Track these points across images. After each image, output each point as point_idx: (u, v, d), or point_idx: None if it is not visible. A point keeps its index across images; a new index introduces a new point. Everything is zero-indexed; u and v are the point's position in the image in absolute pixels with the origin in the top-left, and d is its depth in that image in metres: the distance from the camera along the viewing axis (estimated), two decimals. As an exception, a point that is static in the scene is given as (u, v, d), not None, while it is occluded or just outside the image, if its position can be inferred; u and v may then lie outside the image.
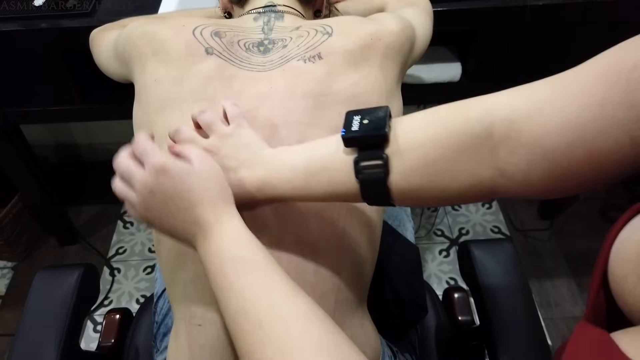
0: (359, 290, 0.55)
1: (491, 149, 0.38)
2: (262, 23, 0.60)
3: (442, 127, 0.40)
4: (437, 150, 0.39)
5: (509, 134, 0.37)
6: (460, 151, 0.39)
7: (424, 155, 0.40)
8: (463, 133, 0.39)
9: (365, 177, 0.41)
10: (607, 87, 0.32)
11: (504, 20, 0.99)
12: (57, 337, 0.64)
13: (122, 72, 0.66)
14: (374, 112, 0.43)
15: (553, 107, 0.35)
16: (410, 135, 0.41)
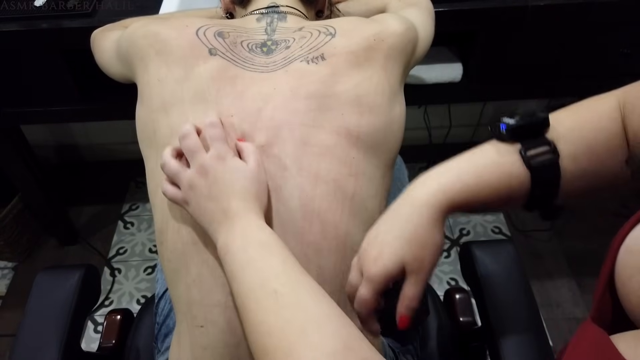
0: (360, 292, 0.55)
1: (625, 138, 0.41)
2: (265, 24, 0.60)
3: (590, 113, 0.43)
4: (595, 133, 0.42)
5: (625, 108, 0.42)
6: (611, 134, 0.41)
7: (585, 137, 0.42)
8: (610, 118, 0.42)
9: (537, 164, 0.41)
10: None
11: (505, 20, 0.99)
12: (58, 337, 0.63)
13: (124, 72, 0.66)
14: (516, 111, 0.44)
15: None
16: (564, 120, 0.43)
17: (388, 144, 0.56)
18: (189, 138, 0.50)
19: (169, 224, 0.53)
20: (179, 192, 0.50)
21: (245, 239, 0.44)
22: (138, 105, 0.59)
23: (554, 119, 0.43)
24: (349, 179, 0.52)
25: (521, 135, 0.42)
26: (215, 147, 0.49)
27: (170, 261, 0.54)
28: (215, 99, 0.53)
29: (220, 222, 0.46)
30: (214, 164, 0.48)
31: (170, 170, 0.50)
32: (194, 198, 0.48)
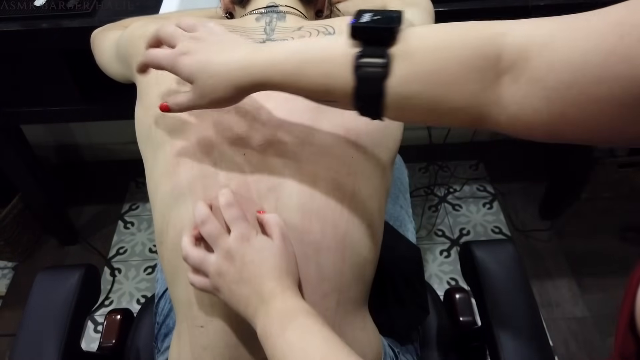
0: (360, 291, 0.55)
1: (496, 74, 0.37)
2: (264, 23, 0.60)
3: (456, 39, 0.38)
4: (446, 61, 0.38)
5: (517, 63, 0.36)
6: (468, 66, 0.37)
7: (432, 61, 0.38)
8: (475, 49, 0.37)
9: (362, 75, 0.39)
10: (616, 37, 0.32)
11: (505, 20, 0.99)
12: (58, 337, 0.64)
13: (123, 73, 0.66)
14: (387, 12, 0.41)
15: (565, 45, 0.34)
16: (422, 39, 0.39)
17: (387, 143, 0.56)
18: (208, 223, 0.48)
19: (169, 224, 0.53)
20: (207, 281, 0.48)
21: (284, 322, 0.43)
22: (137, 105, 0.59)
23: (415, 33, 0.39)
24: (348, 178, 0.52)
25: (365, 38, 0.39)
26: (237, 228, 0.48)
27: (170, 261, 0.54)
28: None
29: (257, 306, 0.45)
30: (239, 247, 0.47)
31: (194, 261, 0.48)
32: (225, 285, 0.46)
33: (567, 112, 0.34)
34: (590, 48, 0.33)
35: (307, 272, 0.50)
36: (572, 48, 0.33)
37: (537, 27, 0.37)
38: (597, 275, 1.44)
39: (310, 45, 0.42)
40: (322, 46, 0.42)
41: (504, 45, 0.37)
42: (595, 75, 0.32)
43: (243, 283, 0.46)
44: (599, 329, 1.33)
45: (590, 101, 0.33)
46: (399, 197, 0.84)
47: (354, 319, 0.54)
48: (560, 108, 0.34)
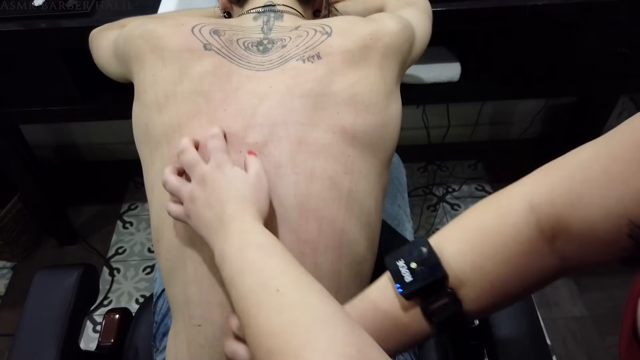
0: (358, 290, 0.55)
1: (548, 244, 0.38)
2: (261, 22, 0.60)
3: (494, 243, 0.39)
4: (500, 268, 0.38)
5: (559, 229, 0.37)
6: (523, 259, 0.38)
7: (488, 277, 0.39)
8: (518, 242, 0.38)
9: (440, 320, 0.40)
10: None
11: (503, 20, 0.99)
12: (57, 337, 0.64)
13: (121, 72, 0.66)
14: (415, 250, 0.41)
15: (593, 196, 0.35)
16: (464, 261, 0.39)
17: (384, 142, 0.56)
18: (187, 152, 0.50)
19: (165, 222, 0.53)
20: (181, 208, 0.50)
21: (242, 242, 0.43)
22: (134, 105, 0.59)
23: (449, 258, 0.40)
24: (345, 177, 0.52)
25: (420, 293, 0.40)
26: (215, 157, 0.49)
27: (167, 259, 0.54)
28: (208, 95, 0.53)
29: (217, 229, 0.45)
30: (212, 174, 0.48)
31: (172, 187, 0.50)
32: (194, 210, 0.48)
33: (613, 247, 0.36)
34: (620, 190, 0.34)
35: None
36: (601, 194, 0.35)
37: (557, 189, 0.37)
38: (595, 274, 1.44)
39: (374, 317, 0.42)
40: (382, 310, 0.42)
41: (539, 219, 0.38)
42: None
43: (209, 207, 0.47)
44: (597, 328, 1.33)
45: None
46: (397, 196, 0.84)
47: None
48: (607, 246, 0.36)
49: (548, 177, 0.39)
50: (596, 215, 0.34)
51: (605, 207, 0.34)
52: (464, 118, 1.70)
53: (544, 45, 1.06)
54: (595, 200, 0.34)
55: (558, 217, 0.36)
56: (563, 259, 0.38)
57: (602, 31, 1.02)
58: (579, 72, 1.11)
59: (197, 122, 0.53)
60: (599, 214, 0.34)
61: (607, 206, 0.34)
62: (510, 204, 0.39)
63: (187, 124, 0.53)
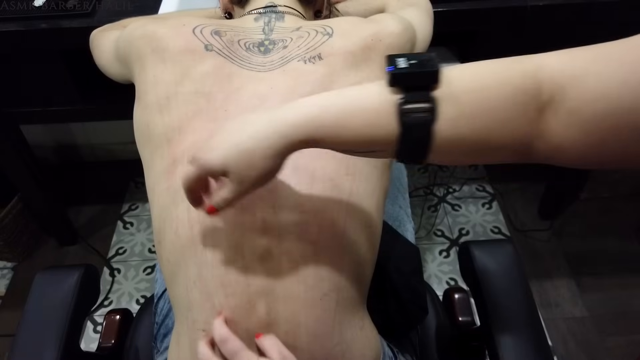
0: (359, 291, 0.55)
1: (538, 108, 0.37)
2: (262, 23, 0.60)
3: (496, 76, 0.38)
4: (490, 101, 0.38)
5: (555, 96, 0.37)
6: (512, 103, 0.37)
7: (477, 101, 0.38)
8: (517, 86, 0.38)
9: (409, 121, 0.38)
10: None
11: (504, 20, 0.99)
12: (57, 338, 0.63)
13: (122, 73, 0.66)
14: (420, 55, 0.40)
15: (599, 77, 0.35)
16: (463, 80, 0.39)
17: (386, 143, 0.56)
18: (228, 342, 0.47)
19: (167, 223, 0.53)
20: None
21: None
22: (135, 105, 0.59)
23: (454, 74, 0.39)
24: (346, 178, 0.52)
25: (406, 84, 0.38)
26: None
27: (168, 261, 0.54)
28: (210, 95, 0.53)
29: None
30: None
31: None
32: None
33: (605, 142, 0.36)
34: (622, 80, 0.34)
35: (306, 272, 0.50)
36: (604, 80, 0.35)
37: (572, 59, 0.38)
38: (596, 275, 1.44)
39: (344, 97, 0.41)
40: (359, 96, 0.40)
41: (542, 79, 0.37)
42: (630, 105, 0.33)
43: None
44: (598, 328, 1.33)
45: (627, 130, 0.34)
46: (398, 197, 0.84)
47: (352, 318, 0.54)
48: (597, 139, 0.36)
49: (563, 53, 0.39)
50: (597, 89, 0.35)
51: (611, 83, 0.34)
52: (464, 118, 1.70)
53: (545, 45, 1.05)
54: (601, 77, 0.35)
55: (560, 85, 0.37)
56: (541, 132, 0.38)
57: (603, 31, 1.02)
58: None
59: (198, 122, 0.53)
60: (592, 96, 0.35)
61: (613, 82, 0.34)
62: (521, 58, 0.40)
63: (188, 125, 0.53)
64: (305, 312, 0.50)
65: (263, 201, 0.51)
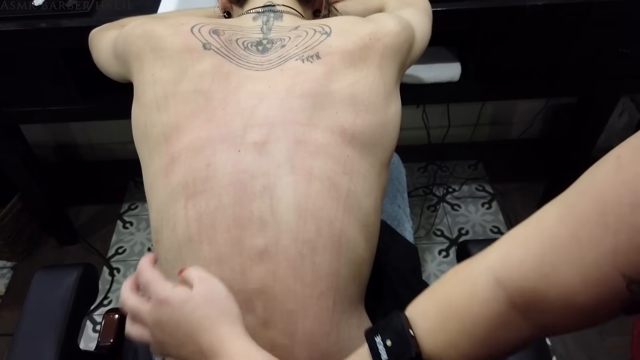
0: (357, 290, 0.55)
1: (521, 315, 0.36)
2: (261, 23, 0.60)
3: (465, 320, 0.38)
4: (473, 344, 0.38)
5: (533, 302, 0.35)
6: (495, 333, 0.37)
7: (461, 352, 0.38)
8: (488, 319, 0.37)
9: None
10: None
11: (503, 20, 0.99)
12: (56, 336, 0.64)
13: (121, 72, 0.66)
14: (392, 325, 0.40)
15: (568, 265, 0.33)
16: (437, 339, 0.39)
17: (383, 142, 0.56)
18: (127, 300, 0.46)
19: (164, 222, 0.53)
20: None
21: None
22: (134, 104, 0.59)
23: (423, 335, 0.39)
24: (344, 177, 0.52)
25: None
26: (152, 294, 0.44)
27: (166, 260, 0.54)
28: (208, 94, 0.53)
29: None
30: (161, 313, 0.43)
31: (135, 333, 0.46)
32: (171, 351, 0.44)
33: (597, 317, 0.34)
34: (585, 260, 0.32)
35: (303, 271, 0.50)
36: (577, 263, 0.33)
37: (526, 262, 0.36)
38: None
39: None
40: None
41: (510, 294, 0.36)
42: None
43: (182, 346, 0.43)
44: (597, 328, 1.33)
45: None
46: (397, 196, 0.84)
47: (350, 317, 0.54)
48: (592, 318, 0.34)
49: (514, 248, 0.37)
50: (574, 282, 0.32)
51: (583, 274, 0.32)
52: (464, 118, 1.70)
53: (544, 45, 1.06)
54: (571, 268, 0.32)
55: (531, 291, 0.35)
56: (539, 326, 0.36)
57: (602, 31, 1.02)
58: (580, 72, 1.11)
59: (196, 121, 0.53)
60: (576, 281, 0.32)
61: (584, 273, 0.32)
62: (475, 281, 0.38)
63: (186, 124, 0.53)
64: (302, 311, 0.50)
65: (260, 199, 0.51)
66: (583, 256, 0.32)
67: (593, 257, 0.31)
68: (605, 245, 0.30)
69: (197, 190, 0.51)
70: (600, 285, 0.31)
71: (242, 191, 0.51)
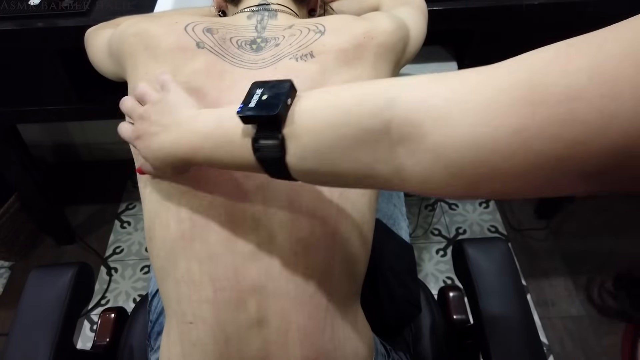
0: (351, 289, 0.55)
1: (389, 146, 0.35)
2: (255, 21, 0.60)
3: (341, 113, 0.37)
4: (332, 138, 0.37)
5: (410, 136, 0.33)
6: (357, 142, 0.36)
7: (318, 140, 0.38)
8: (361, 124, 0.36)
9: (262, 156, 0.40)
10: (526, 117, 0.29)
11: (499, 19, 0.99)
12: (51, 336, 0.64)
13: (115, 71, 0.66)
14: (278, 86, 0.41)
15: (465, 118, 0.31)
16: (308, 117, 0.39)
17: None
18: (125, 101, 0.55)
19: (157, 219, 0.53)
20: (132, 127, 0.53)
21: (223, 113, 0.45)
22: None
23: (304, 108, 0.39)
24: None
25: (257, 122, 0.40)
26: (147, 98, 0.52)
27: (159, 257, 0.54)
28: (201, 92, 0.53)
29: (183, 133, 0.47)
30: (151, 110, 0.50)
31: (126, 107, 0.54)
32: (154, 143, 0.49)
33: (481, 186, 0.32)
34: (496, 125, 0.29)
35: (297, 269, 0.50)
36: (473, 123, 0.30)
37: (430, 95, 0.33)
38: (593, 274, 1.44)
39: (221, 126, 0.44)
40: (229, 128, 0.43)
41: (392, 116, 0.34)
42: (509, 151, 0.29)
43: (165, 131, 0.48)
44: (594, 327, 1.33)
45: (508, 175, 0.30)
46: (393, 195, 0.84)
47: (345, 315, 0.54)
48: (472, 183, 0.32)
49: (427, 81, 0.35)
50: None
51: None
52: (461, 117, 1.70)
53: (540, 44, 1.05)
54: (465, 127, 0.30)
55: (414, 124, 0.33)
56: (398, 169, 0.35)
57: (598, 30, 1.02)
58: (576, 71, 1.11)
59: None
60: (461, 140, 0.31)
61: None
62: (376, 87, 0.37)
63: None
64: (296, 310, 0.50)
65: (253, 198, 0.51)
66: None
67: None
68: None
69: (190, 188, 0.51)
70: None
71: (236, 189, 0.51)
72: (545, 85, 0.29)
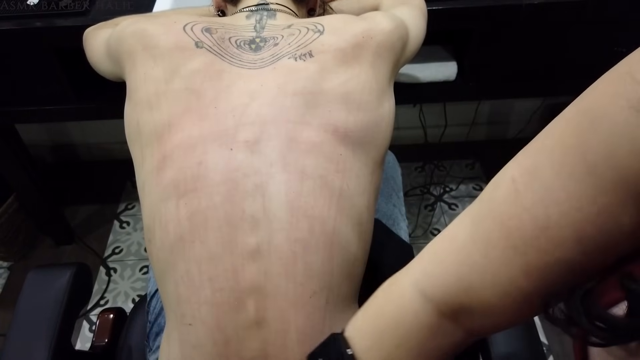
0: (350, 289, 0.55)
1: (452, 322, 0.36)
2: (254, 21, 0.60)
3: (399, 334, 0.38)
4: (409, 356, 0.38)
5: (459, 311, 0.35)
6: (429, 343, 0.37)
7: None
8: (420, 329, 0.37)
9: None
10: None
11: (499, 19, 0.99)
12: (49, 336, 0.63)
13: (114, 70, 0.66)
14: (329, 347, 0.41)
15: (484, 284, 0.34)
16: (375, 356, 0.39)
17: (376, 141, 0.56)
18: None
19: (156, 221, 0.53)
20: None
21: None
22: (126, 103, 0.59)
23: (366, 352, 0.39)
24: (336, 175, 0.52)
25: None
26: None
27: (158, 259, 0.54)
28: (199, 92, 0.53)
29: None
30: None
31: None
32: None
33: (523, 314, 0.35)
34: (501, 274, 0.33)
35: (296, 270, 0.50)
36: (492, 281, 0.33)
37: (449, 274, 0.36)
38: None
39: None
40: None
41: (437, 306, 0.36)
42: None
43: None
44: (594, 327, 1.33)
45: None
46: (392, 195, 0.84)
47: (343, 316, 0.54)
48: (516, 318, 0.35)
49: (434, 265, 0.37)
50: (491, 297, 0.33)
51: (499, 293, 0.33)
52: (461, 117, 1.70)
53: (540, 44, 1.05)
54: (487, 286, 0.33)
55: (455, 302, 0.35)
56: (471, 330, 0.37)
57: (598, 30, 1.02)
58: (576, 71, 1.11)
59: (188, 119, 0.53)
60: (493, 297, 0.33)
61: (500, 292, 0.33)
62: (404, 295, 0.38)
63: (178, 122, 0.53)
64: (294, 311, 0.50)
65: (253, 198, 0.51)
66: (496, 274, 0.33)
67: (506, 276, 0.32)
68: (516, 265, 0.31)
69: (188, 188, 0.51)
70: (516, 301, 0.32)
71: (234, 190, 0.51)
72: None
